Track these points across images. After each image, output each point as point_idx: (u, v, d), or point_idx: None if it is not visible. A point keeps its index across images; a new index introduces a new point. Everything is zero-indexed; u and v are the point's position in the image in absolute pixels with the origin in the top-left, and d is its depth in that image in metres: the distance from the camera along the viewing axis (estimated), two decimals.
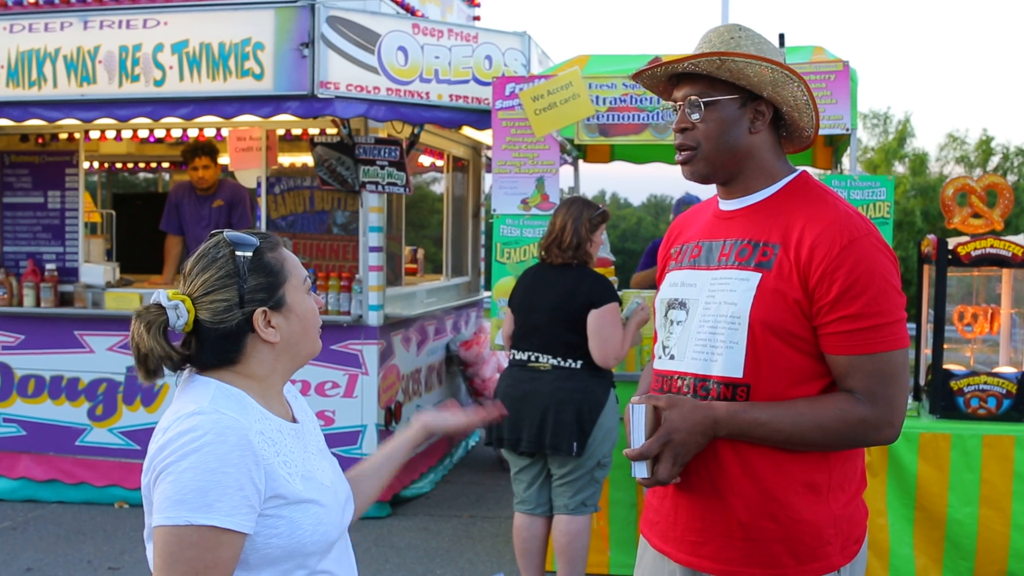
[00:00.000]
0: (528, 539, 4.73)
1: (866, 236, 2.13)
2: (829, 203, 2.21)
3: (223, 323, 1.89)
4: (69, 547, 5.87)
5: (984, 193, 5.18)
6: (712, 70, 2.18)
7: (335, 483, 2.02)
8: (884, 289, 2.11)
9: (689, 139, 2.25)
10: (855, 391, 2.14)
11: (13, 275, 6.95)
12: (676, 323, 2.30)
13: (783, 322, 2.13)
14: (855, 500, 2.27)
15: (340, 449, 6.34)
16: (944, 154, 28.02)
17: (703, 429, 2.13)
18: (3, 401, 6.88)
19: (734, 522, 2.19)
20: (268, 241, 1.97)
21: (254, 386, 1.93)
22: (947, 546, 4.81)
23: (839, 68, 5.14)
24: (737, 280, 2.19)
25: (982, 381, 4.91)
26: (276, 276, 1.94)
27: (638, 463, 2.16)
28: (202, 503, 1.72)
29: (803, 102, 2.23)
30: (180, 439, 1.76)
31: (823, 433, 2.13)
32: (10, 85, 6.35)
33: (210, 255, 1.92)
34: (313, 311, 2.01)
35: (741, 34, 2.23)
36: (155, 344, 1.86)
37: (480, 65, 6.37)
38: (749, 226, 2.25)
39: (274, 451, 1.85)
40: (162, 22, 6.15)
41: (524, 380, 4.64)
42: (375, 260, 6.45)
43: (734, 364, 2.17)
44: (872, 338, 2.10)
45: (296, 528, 1.84)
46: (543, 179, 5.68)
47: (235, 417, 1.81)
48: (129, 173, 11.39)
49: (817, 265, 2.10)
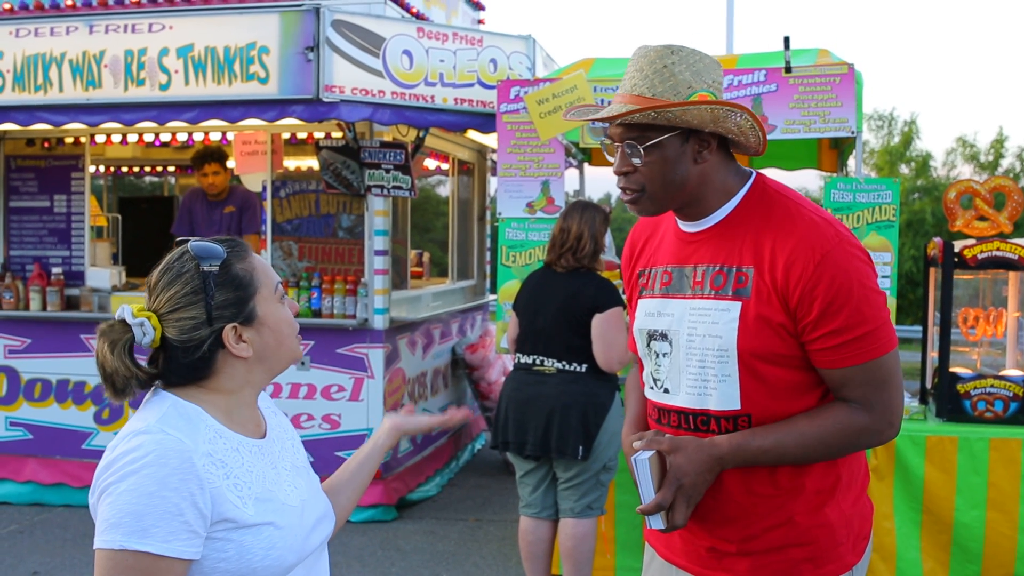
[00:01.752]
0: (534, 543, 4.73)
1: (837, 245, 2.10)
2: (792, 212, 2.17)
3: (191, 341, 1.81)
4: (76, 551, 5.87)
5: (991, 196, 5.16)
6: (648, 121, 2.11)
7: (306, 502, 1.93)
8: (864, 296, 2.09)
9: (633, 183, 2.19)
10: (851, 400, 2.14)
11: (19, 279, 6.97)
12: (662, 355, 2.28)
13: (771, 347, 2.12)
14: (862, 496, 2.29)
15: (346, 452, 6.34)
16: (951, 159, 27.94)
17: (710, 467, 2.13)
18: (10, 405, 6.90)
19: (748, 533, 2.20)
20: (236, 251, 1.87)
21: (220, 400, 1.86)
22: (954, 549, 4.80)
23: (844, 71, 5.13)
24: (718, 311, 2.16)
25: (989, 384, 4.89)
26: (245, 289, 1.85)
27: (653, 516, 2.15)
28: (137, 527, 1.65)
29: (747, 127, 2.17)
30: (122, 459, 1.69)
31: (827, 448, 2.14)
32: (16, 89, 6.37)
33: (175, 268, 1.83)
34: (287, 320, 1.91)
35: (674, 59, 2.12)
36: (119, 364, 1.79)
37: (485, 68, 6.37)
38: (716, 249, 2.20)
39: (223, 473, 1.75)
40: (167, 26, 6.16)
41: (529, 383, 4.64)
42: (380, 264, 6.45)
43: (730, 397, 2.16)
44: (860, 348, 2.09)
45: (246, 552, 1.76)
46: (548, 182, 5.68)
47: (180, 438, 1.72)
48: (135, 177, 11.39)
49: (795, 285, 2.08)
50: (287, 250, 7.03)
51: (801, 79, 5.17)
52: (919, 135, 28.13)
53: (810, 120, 5.16)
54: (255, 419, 1.94)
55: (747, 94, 5.21)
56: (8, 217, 7.15)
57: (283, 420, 2.08)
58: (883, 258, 5.02)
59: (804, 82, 5.17)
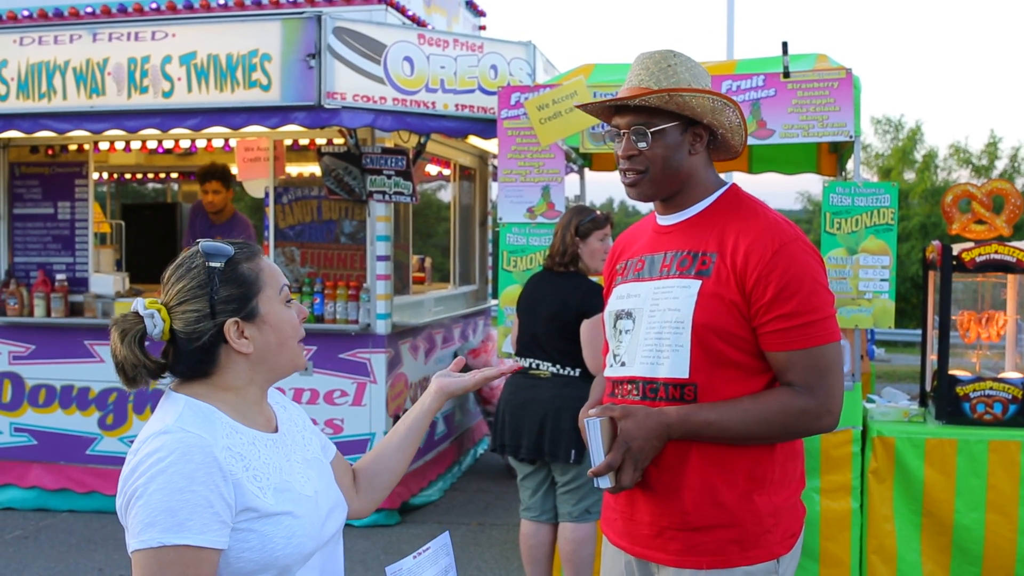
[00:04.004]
0: (535, 546, 4.75)
1: (794, 240, 2.30)
2: (759, 213, 2.38)
3: (195, 333, 1.89)
4: (80, 556, 5.90)
5: (989, 199, 5.17)
6: (661, 104, 2.33)
7: (319, 492, 2.00)
8: (815, 288, 2.28)
9: (638, 164, 2.39)
10: (794, 384, 2.30)
11: (24, 285, 7.00)
12: (624, 332, 2.45)
13: (724, 324, 2.29)
14: (794, 497, 2.42)
15: (349, 457, 6.29)
16: (948, 164, 27.99)
17: (658, 434, 2.28)
18: (14, 411, 6.93)
19: (682, 513, 2.33)
20: (245, 251, 1.96)
21: (229, 398, 1.93)
22: (954, 552, 4.81)
23: (842, 76, 5.15)
24: (679, 288, 2.35)
25: (988, 387, 4.91)
26: (249, 287, 1.92)
27: (602, 476, 2.29)
28: (173, 523, 1.72)
29: (736, 125, 2.41)
30: (147, 461, 1.76)
31: (769, 427, 2.29)
32: (20, 97, 6.41)
33: (185, 264, 1.93)
34: (290, 322, 1.98)
35: (676, 61, 2.37)
36: (128, 352, 1.87)
37: (486, 75, 6.40)
38: (687, 238, 2.41)
39: (242, 466, 1.83)
40: (170, 34, 6.20)
41: (525, 387, 4.68)
42: (382, 269, 6.48)
43: (680, 366, 2.32)
44: (807, 334, 2.27)
45: (268, 541, 1.83)
46: (549, 187, 5.71)
47: (199, 434, 1.80)
48: (138, 184, 11.42)
49: (752, 269, 2.27)
50: (289, 256, 7.06)
51: (800, 84, 5.19)
52: (923, 140, 28.17)
53: (808, 124, 5.19)
54: (265, 415, 2.01)
55: (746, 99, 5.23)
56: (12, 224, 7.19)
57: (296, 415, 2.14)
58: (882, 261, 5.03)
59: (803, 87, 5.19)
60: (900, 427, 4.93)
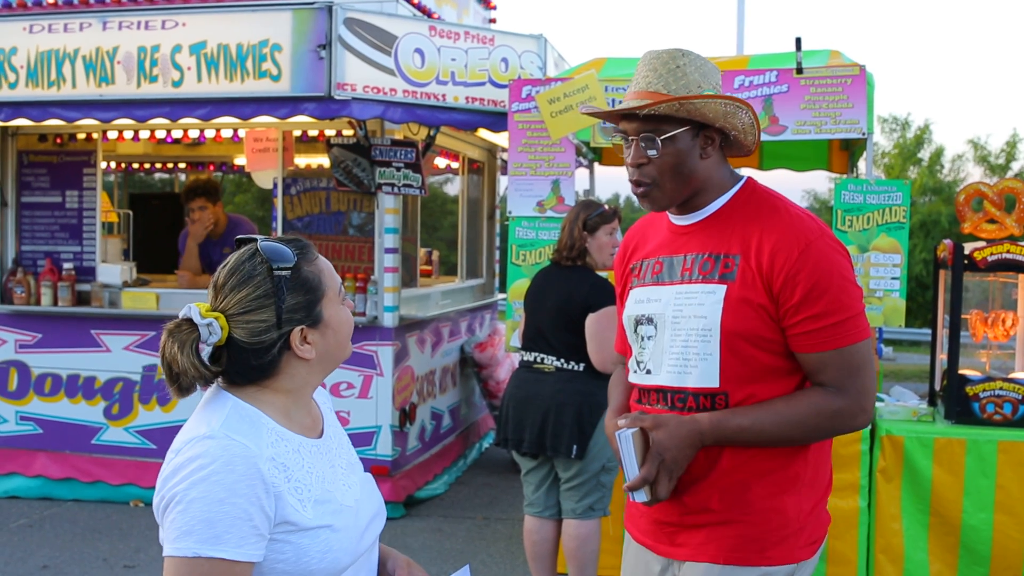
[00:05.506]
0: (538, 542, 4.74)
1: (820, 238, 2.24)
2: (780, 209, 2.31)
3: (260, 343, 1.81)
4: (85, 545, 5.90)
5: (1000, 198, 5.14)
6: (671, 112, 2.24)
7: (360, 501, 1.95)
8: (843, 286, 2.22)
9: (646, 175, 2.31)
10: (826, 384, 2.25)
11: (31, 274, 7.00)
12: (647, 338, 2.39)
13: (753, 328, 2.23)
14: (821, 504, 2.38)
15: (355, 450, 6.35)
16: (956, 164, 27.94)
17: (691, 443, 2.23)
18: (20, 399, 6.93)
19: (707, 511, 2.29)
20: (304, 253, 1.88)
21: (279, 400, 1.87)
22: (962, 552, 4.79)
23: (855, 72, 5.13)
24: (704, 293, 2.28)
25: (998, 387, 4.89)
26: (314, 292, 1.86)
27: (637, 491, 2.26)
28: (211, 535, 1.67)
29: (749, 125, 2.32)
30: (189, 466, 1.71)
31: (803, 429, 2.25)
32: (29, 85, 6.40)
33: (246, 270, 1.83)
34: (348, 321, 1.94)
35: (684, 60, 2.28)
36: (189, 364, 1.78)
37: (496, 67, 6.38)
38: (706, 239, 2.34)
39: (284, 477, 1.78)
40: (180, 23, 6.19)
41: (529, 381, 4.66)
42: (390, 261, 6.47)
43: (710, 375, 2.26)
44: (837, 334, 2.21)
45: (303, 555, 1.79)
46: (559, 181, 5.69)
47: (245, 444, 1.74)
48: (145, 174, 11.43)
49: (779, 271, 2.21)
50: None
51: (812, 80, 5.17)
52: (931, 138, 28.09)
53: (821, 121, 5.16)
54: (313, 416, 1.96)
55: (758, 95, 5.21)
56: (20, 212, 7.18)
57: (334, 416, 2.09)
58: (893, 259, 5.01)
59: (815, 83, 5.17)
60: (909, 426, 4.91)
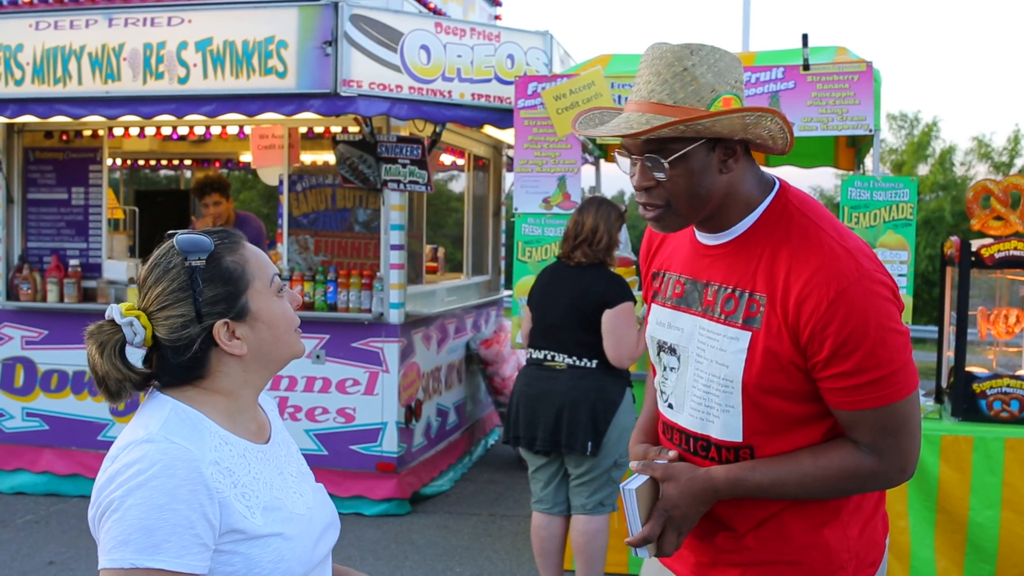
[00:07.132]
0: (546, 539, 4.74)
1: (856, 282, 1.91)
2: (812, 236, 1.98)
3: (181, 340, 1.71)
4: (90, 541, 5.87)
5: (1006, 195, 5.14)
6: (675, 135, 1.92)
7: (313, 509, 1.85)
8: (881, 338, 1.90)
9: (656, 198, 2.01)
10: (860, 443, 1.99)
11: (37, 271, 7.01)
12: (669, 369, 2.18)
13: (777, 382, 1.98)
14: (873, 519, 2.16)
15: (360, 447, 6.36)
16: (968, 159, 27.95)
17: (704, 499, 2.05)
18: (27, 395, 6.94)
19: (743, 547, 2.11)
20: (227, 242, 1.77)
21: (221, 403, 1.76)
22: (968, 549, 4.79)
23: (862, 69, 5.12)
24: (726, 339, 2.03)
25: (1005, 384, 4.88)
26: (236, 283, 1.74)
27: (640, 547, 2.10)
28: (149, 543, 1.56)
29: (778, 131, 1.99)
30: (126, 471, 1.60)
31: (831, 490, 2.03)
32: (35, 82, 6.40)
33: (162, 264, 1.74)
34: (284, 315, 1.80)
35: (694, 61, 1.92)
36: (110, 367, 1.70)
37: (502, 64, 6.38)
38: (730, 268, 2.06)
39: (230, 482, 1.67)
40: (186, 20, 6.19)
41: (540, 379, 4.65)
42: (396, 258, 6.47)
43: (732, 428, 2.05)
44: (873, 393, 1.92)
45: (253, 565, 1.67)
46: (565, 178, 5.69)
47: (186, 447, 1.63)
48: (151, 170, 11.44)
49: (806, 322, 1.92)
50: (303, 244, 7.05)
51: (819, 76, 5.16)
52: (939, 135, 28.12)
53: (828, 118, 5.15)
54: (258, 421, 1.86)
55: (765, 91, 5.20)
56: (26, 209, 7.19)
57: (281, 425, 1.99)
58: (900, 256, 5.00)
59: (822, 79, 5.16)
60: None
